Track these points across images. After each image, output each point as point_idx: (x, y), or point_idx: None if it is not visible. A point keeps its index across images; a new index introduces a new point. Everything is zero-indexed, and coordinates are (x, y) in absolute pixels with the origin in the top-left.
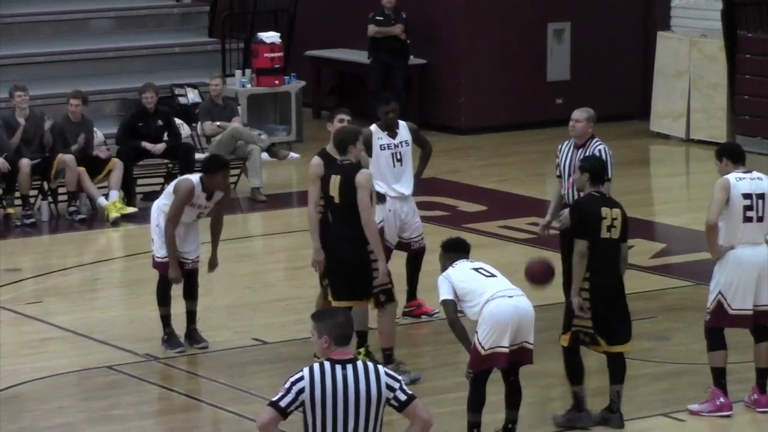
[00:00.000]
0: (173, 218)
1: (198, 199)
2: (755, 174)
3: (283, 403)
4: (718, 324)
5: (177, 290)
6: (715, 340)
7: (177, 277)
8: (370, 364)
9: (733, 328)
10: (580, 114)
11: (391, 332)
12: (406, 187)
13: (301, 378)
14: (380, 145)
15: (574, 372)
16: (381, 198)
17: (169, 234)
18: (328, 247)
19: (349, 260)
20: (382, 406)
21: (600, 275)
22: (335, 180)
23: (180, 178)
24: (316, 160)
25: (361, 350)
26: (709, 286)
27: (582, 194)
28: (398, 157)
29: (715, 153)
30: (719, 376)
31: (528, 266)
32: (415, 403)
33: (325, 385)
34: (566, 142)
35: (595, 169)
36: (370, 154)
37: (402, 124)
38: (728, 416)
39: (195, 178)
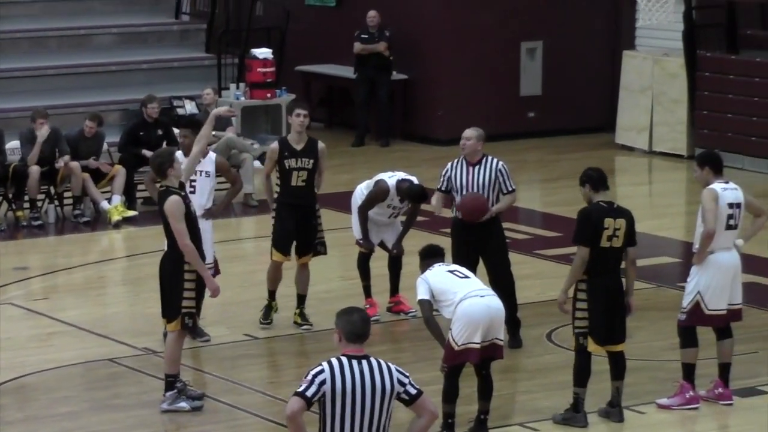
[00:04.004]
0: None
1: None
2: (731, 184)
3: (309, 393)
4: (694, 323)
5: None
6: (688, 337)
7: None
8: (382, 361)
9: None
10: (471, 132)
11: (172, 358)
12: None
13: (322, 371)
14: (387, 205)
15: (580, 374)
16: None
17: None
18: None
19: (160, 275)
20: (393, 400)
21: (598, 277)
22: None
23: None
24: (274, 145)
25: (297, 310)
26: (686, 287)
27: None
28: (395, 215)
29: (698, 160)
30: (690, 372)
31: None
32: (423, 398)
33: (344, 378)
34: (456, 161)
35: (593, 178)
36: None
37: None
38: (696, 408)
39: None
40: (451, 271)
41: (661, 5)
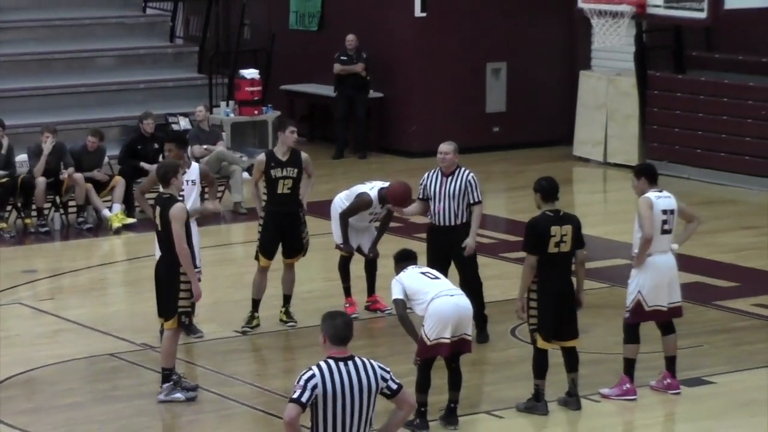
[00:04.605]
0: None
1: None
2: (665, 193)
3: (304, 399)
4: (637, 320)
5: None
6: (632, 334)
7: None
8: (365, 360)
9: (643, 324)
10: (448, 147)
11: (168, 353)
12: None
13: (313, 375)
14: (370, 212)
15: (540, 367)
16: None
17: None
18: None
19: (156, 278)
20: (377, 395)
21: (548, 281)
22: (157, 211)
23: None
24: (261, 157)
25: (282, 309)
26: (628, 288)
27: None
28: (374, 220)
29: (635, 171)
30: (630, 366)
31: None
32: (403, 391)
33: (334, 380)
34: (432, 171)
35: (544, 189)
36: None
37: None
38: (633, 400)
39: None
40: (423, 273)
41: (614, 29)
